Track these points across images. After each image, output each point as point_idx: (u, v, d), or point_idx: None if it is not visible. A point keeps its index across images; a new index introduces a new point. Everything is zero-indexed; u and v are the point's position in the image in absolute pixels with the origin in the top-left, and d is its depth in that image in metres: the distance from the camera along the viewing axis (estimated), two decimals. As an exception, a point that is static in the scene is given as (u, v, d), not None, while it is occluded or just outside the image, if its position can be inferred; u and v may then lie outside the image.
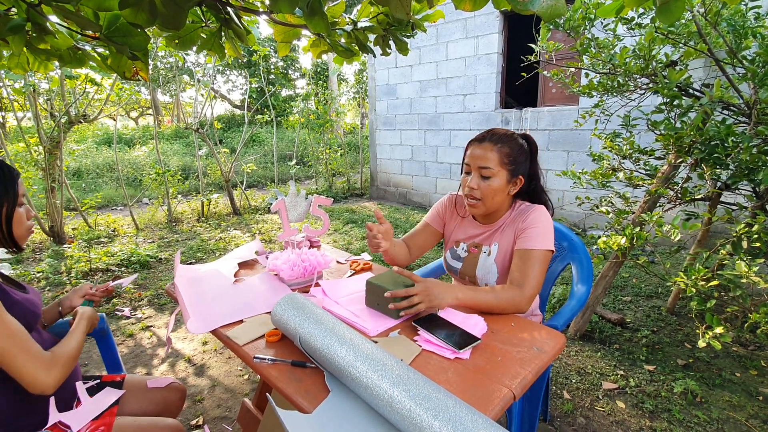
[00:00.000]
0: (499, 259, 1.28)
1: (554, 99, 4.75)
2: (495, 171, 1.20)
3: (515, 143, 1.22)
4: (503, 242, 1.27)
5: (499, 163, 1.20)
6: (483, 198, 1.23)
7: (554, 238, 1.61)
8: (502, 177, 1.21)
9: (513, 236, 1.25)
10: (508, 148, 1.20)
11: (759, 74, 1.52)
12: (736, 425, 1.65)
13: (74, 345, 0.99)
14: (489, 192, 1.21)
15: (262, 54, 5.89)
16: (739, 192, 1.96)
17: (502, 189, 1.22)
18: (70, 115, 4.20)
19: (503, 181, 1.21)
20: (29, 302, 1.00)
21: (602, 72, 2.17)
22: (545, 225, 1.21)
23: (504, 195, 1.24)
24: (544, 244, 1.18)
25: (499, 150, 1.20)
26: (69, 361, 0.94)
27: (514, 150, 1.21)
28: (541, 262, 1.16)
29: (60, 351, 0.94)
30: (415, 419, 0.64)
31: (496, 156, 1.19)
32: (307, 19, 0.97)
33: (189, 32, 1.20)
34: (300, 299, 0.95)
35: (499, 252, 1.28)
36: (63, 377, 0.91)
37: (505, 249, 1.27)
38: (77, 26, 1.04)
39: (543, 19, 0.82)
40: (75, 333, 1.03)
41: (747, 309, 1.62)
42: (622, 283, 3.08)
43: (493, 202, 1.24)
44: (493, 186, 1.21)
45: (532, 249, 1.17)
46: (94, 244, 4.11)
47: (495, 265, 1.28)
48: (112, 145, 9.77)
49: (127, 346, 2.34)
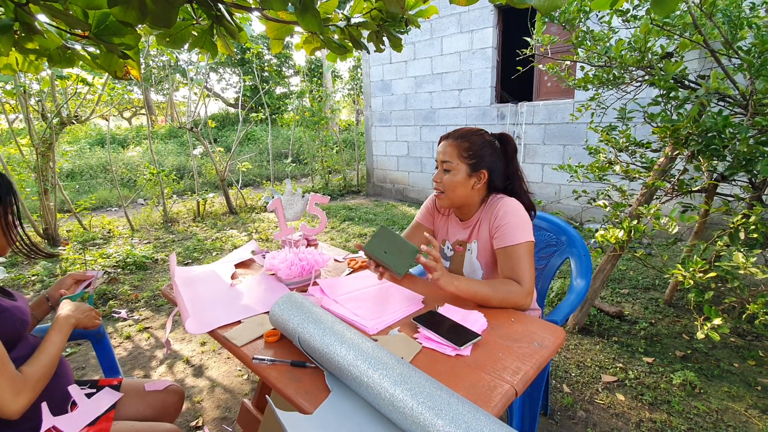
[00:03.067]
0: (481, 257, 1.30)
1: (550, 93, 4.75)
2: (454, 165, 1.25)
3: (478, 138, 1.26)
4: (481, 239, 1.29)
5: (458, 156, 1.25)
6: (445, 190, 1.28)
7: (553, 233, 1.61)
8: (462, 170, 1.25)
9: (488, 233, 1.27)
10: (467, 142, 1.25)
11: (755, 65, 1.52)
12: (735, 415, 1.66)
13: (47, 362, 0.93)
14: (449, 185, 1.26)
15: (255, 51, 5.84)
16: (735, 183, 1.97)
17: (463, 182, 1.25)
18: (62, 116, 4.15)
19: (463, 174, 1.25)
20: (17, 310, 0.98)
21: (598, 65, 2.16)
22: (518, 217, 1.21)
23: (467, 188, 1.27)
24: (524, 237, 1.18)
25: (458, 145, 1.25)
26: (41, 381, 0.89)
27: (475, 144, 1.25)
28: (526, 254, 1.17)
29: (30, 372, 0.89)
30: (418, 418, 0.63)
31: (455, 150, 1.25)
32: (299, 16, 0.95)
33: (180, 30, 1.18)
34: (298, 298, 0.94)
35: (479, 250, 1.30)
36: (32, 400, 0.86)
37: (483, 246, 1.29)
38: (66, 25, 1.01)
39: (540, 12, 0.81)
40: (48, 347, 0.96)
41: (745, 300, 1.62)
42: (619, 276, 3.09)
43: (455, 194, 1.27)
44: (453, 179, 1.25)
45: (513, 245, 1.18)
46: (89, 246, 4.07)
47: (478, 262, 1.31)
48: (105, 146, 9.69)
49: (125, 348, 2.33)
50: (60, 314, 1.03)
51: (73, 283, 1.21)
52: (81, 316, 1.06)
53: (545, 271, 1.62)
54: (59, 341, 0.98)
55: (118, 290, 3.04)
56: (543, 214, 1.69)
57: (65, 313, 1.04)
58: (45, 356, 0.94)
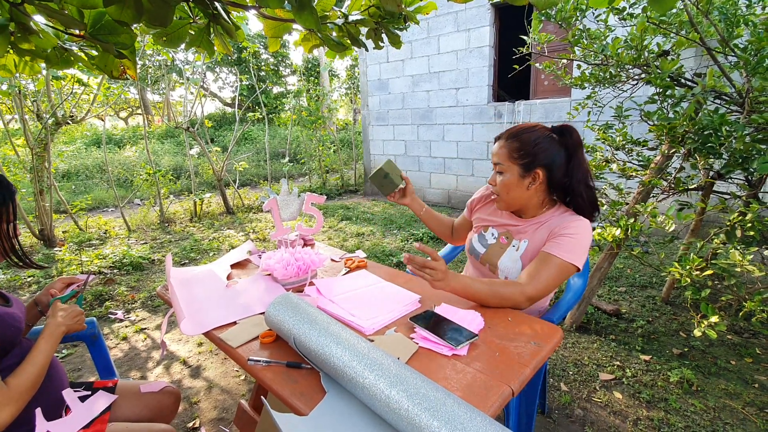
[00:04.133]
0: (526, 257, 1.24)
1: (547, 91, 4.75)
2: (505, 167, 1.20)
3: (530, 136, 1.18)
4: (534, 240, 1.23)
5: (508, 158, 1.20)
6: (499, 193, 1.24)
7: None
8: (514, 171, 1.19)
9: (546, 238, 1.20)
10: (518, 141, 1.19)
11: (751, 62, 1.52)
12: (733, 413, 1.66)
13: (34, 372, 0.91)
14: (503, 187, 1.22)
15: (252, 50, 5.81)
16: (731, 181, 1.97)
17: (516, 183, 1.20)
18: (57, 116, 4.12)
19: (515, 175, 1.19)
20: (10, 317, 0.96)
21: (594, 63, 2.16)
22: (582, 239, 1.15)
23: (522, 189, 1.21)
24: (572, 258, 1.12)
25: (509, 145, 1.20)
26: (27, 392, 0.88)
27: (526, 143, 1.17)
28: (559, 271, 1.12)
29: (16, 383, 0.87)
30: (413, 419, 0.63)
31: (505, 152, 1.20)
32: (296, 14, 0.95)
33: (177, 29, 1.17)
34: (294, 299, 0.93)
35: (527, 250, 1.24)
36: (17, 411, 0.85)
37: (533, 248, 1.22)
38: (62, 25, 1.01)
39: (537, 8, 0.80)
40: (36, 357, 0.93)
41: (741, 297, 1.63)
42: (617, 274, 3.10)
43: (510, 196, 1.23)
44: (505, 181, 1.21)
45: (557, 256, 1.12)
46: (85, 247, 4.05)
47: (521, 261, 1.24)
48: (101, 146, 9.65)
49: (121, 349, 2.32)
50: (50, 322, 1.01)
51: (63, 287, 1.19)
52: (71, 322, 1.04)
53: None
54: (48, 350, 0.96)
55: (115, 291, 3.02)
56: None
57: (56, 321, 1.01)
58: (32, 366, 0.91)
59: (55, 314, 1.02)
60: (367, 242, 4.08)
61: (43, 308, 1.16)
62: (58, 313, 1.03)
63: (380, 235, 4.33)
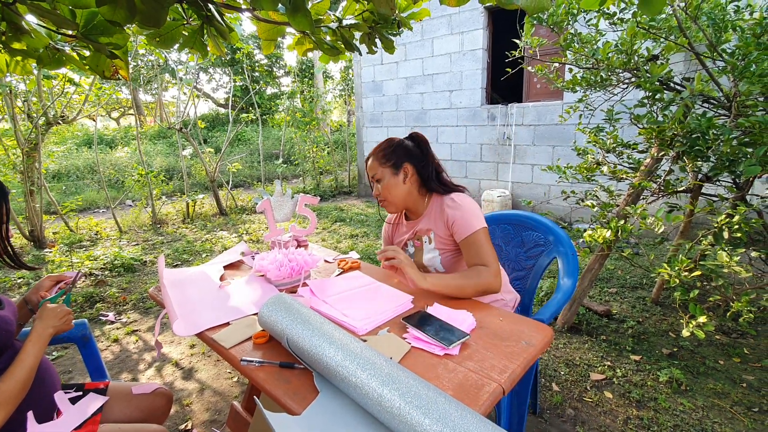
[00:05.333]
0: (439, 245, 1.37)
1: (539, 94, 4.79)
2: (379, 173, 1.36)
3: (389, 143, 1.38)
4: (437, 229, 1.36)
5: (379, 166, 1.36)
6: (385, 197, 1.38)
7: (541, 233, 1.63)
8: (387, 173, 1.35)
9: (444, 227, 1.34)
10: (381, 151, 1.37)
11: (739, 67, 1.55)
12: (721, 412, 1.69)
13: (22, 375, 0.90)
14: (385, 190, 1.37)
15: (246, 51, 5.80)
16: (719, 183, 2.00)
17: (393, 183, 1.35)
18: (48, 116, 4.08)
19: (389, 176, 1.35)
20: (2, 321, 0.95)
21: (585, 67, 2.19)
22: (467, 207, 1.29)
23: (400, 186, 1.36)
24: (478, 224, 1.26)
25: (375, 156, 1.38)
26: (15, 396, 0.87)
27: (387, 149, 1.37)
28: (485, 239, 1.26)
29: (5, 387, 0.86)
30: (405, 417, 0.63)
31: (375, 163, 1.37)
32: (290, 16, 0.95)
33: (170, 30, 1.17)
34: (287, 300, 0.94)
35: (436, 238, 1.37)
36: (7, 416, 0.84)
37: (441, 235, 1.36)
38: (53, 25, 1.00)
39: (527, 13, 0.82)
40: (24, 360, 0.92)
41: (729, 298, 1.65)
42: (608, 275, 3.13)
43: (393, 195, 1.37)
44: (386, 185, 1.36)
45: (471, 233, 1.26)
46: (76, 248, 4.01)
47: (437, 251, 1.37)
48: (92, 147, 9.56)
49: (112, 351, 2.30)
50: (37, 324, 0.99)
51: (51, 285, 1.17)
52: (59, 323, 1.02)
53: (533, 270, 1.63)
54: (36, 353, 0.94)
55: (106, 293, 2.99)
56: (531, 214, 1.70)
57: (43, 323, 1.00)
58: (20, 370, 0.90)
59: (42, 316, 1.01)
60: (361, 243, 4.08)
61: (33, 306, 1.14)
62: (45, 314, 1.02)
63: (374, 237, 4.33)
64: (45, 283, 1.17)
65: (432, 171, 1.39)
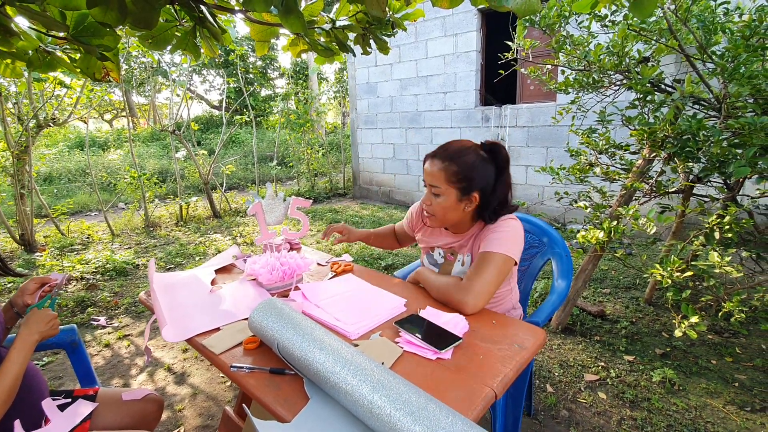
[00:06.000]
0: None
1: (532, 96, 4.81)
2: (443, 189, 1.18)
3: (467, 158, 1.16)
4: (474, 251, 1.26)
5: (446, 181, 1.17)
6: (435, 213, 1.23)
7: (535, 235, 1.63)
8: (452, 195, 1.18)
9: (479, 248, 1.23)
10: (456, 165, 1.16)
11: (728, 69, 1.56)
12: (713, 412, 1.70)
13: (6, 384, 0.87)
14: (439, 209, 1.21)
15: (239, 53, 5.78)
16: (710, 184, 2.02)
17: (453, 206, 1.20)
18: (39, 118, 4.04)
19: (453, 199, 1.18)
20: None
21: (577, 69, 2.20)
22: (510, 231, 1.18)
23: (459, 212, 1.21)
24: (504, 249, 1.14)
25: (447, 168, 1.16)
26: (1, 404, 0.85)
27: (465, 167, 1.16)
28: (496, 265, 1.13)
29: None
30: (395, 424, 0.63)
31: (443, 174, 1.16)
32: (283, 18, 0.94)
33: (162, 32, 1.16)
34: (278, 304, 0.93)
35: (472, 262, 1.27)
36: None
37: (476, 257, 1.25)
38: (43, 27, 0.99)
39: (518, 15, 0.82)
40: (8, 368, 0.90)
41: (721, 298, 1.66)
42: (601, 276, 3.14)
43: (446, 218, 1.23)
44: (443, 204, 1.19)
45: (488, 251, 1.15)
46: (67, 252, 3.97)
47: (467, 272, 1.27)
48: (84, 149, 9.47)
49: (104, 356, 2.27)
50: (22, 330, 0.97)
51: (36, 287, 1.14)
52: (44, 328, 1.00)
53: (528, 271, 1.64)
54: (21, 360, 0.92)
55: (97, 297, 2.96)
56: (525, 215, 1.70)
57: (28, 328, 0.98)
58: (5, 378, 0.88)
59: (28, 322, 0.99)
60: (354, 246, 4.07)
61: (19, 309, 1.11)
62: (31, 320, 1.00)
63: (369, 239, 4.32)
64: (30, 285, 1.13)
65: (497, 200, 1.21)
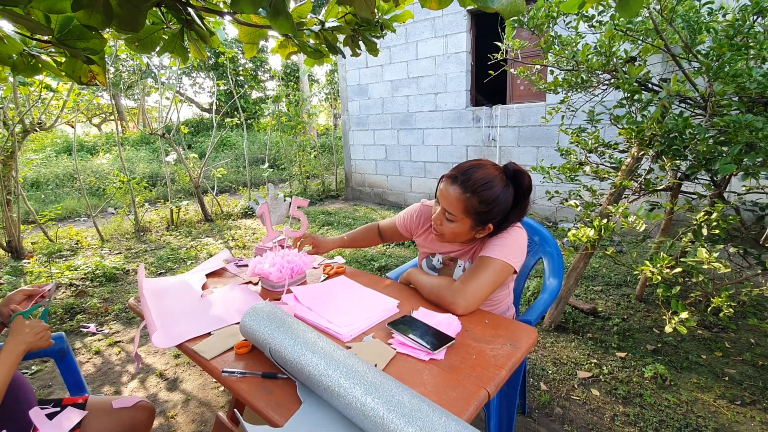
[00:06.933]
0: None
1: (522, 96, 4.85)
2: (458, 218, 1.14)
3: (490, 193, 1.10)
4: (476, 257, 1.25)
5: (464, 211, 1.13)
6: (444, 234, 1.21)
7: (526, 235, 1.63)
8: (466, 224, 1.15)
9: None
10: (477, 199, 1.10)
11: (713, 68, 1.58)
12: (704, 406, 1.72)
13: None
14: (450, 233, 1.19)
15: (229, 56, 5.75)
16: (698, 182, 2.04)
17: (465, 233, 1.18)
18: (25, 123, 3.98)
19: (466, 227, 1.16)
20: None
21: (566, 69, 2.22)
22: (513, 239, 1.17)
23: (469, 236, 1.20)
24: (504, 256, 1.13)
25: (467, 200, 1.11)
26: None
27: (486, 202, 1.10)
28: (492, 270, 1.11)
29: None
30: (389, 426, 0.63)
31: (461, 205, 1.12)
32: (272, 20, 0.94)
33: (149, 34, 1.15)
34: (269, 308, 0.92)
35: None
36: None
37: None
38: (28, 30, 0.97)
39: (504, 16, 0.82)
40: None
41: (709, 294, 1.69)
42: (592, 273, 3.17)
43: (455, 240, 1.23)
44: (454, 230, 1.17)
45: (491, 257, 1.13)
46: (55, 259, 3.91)
47: None
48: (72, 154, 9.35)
49: (94, 364, 2.24)
50: (9, 340, 0.95)
51: (24, 298, 1.12)
52: (33, 339, 0.98)
53: (520, 270, 1.64)
54: (5, 372, 0.90)
55: (87, 303, 2.92)
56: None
57: (15, 338, 0.96)
58: None
59: (14, 331, 0.97)
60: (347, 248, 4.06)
61: (4, 319, 1.09)
62: (18, 329, 0.98)
63: (362, 240, 4.31)
64: (17, 296, 1.11)
65: (509, 224, 1.18)
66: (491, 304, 1.32)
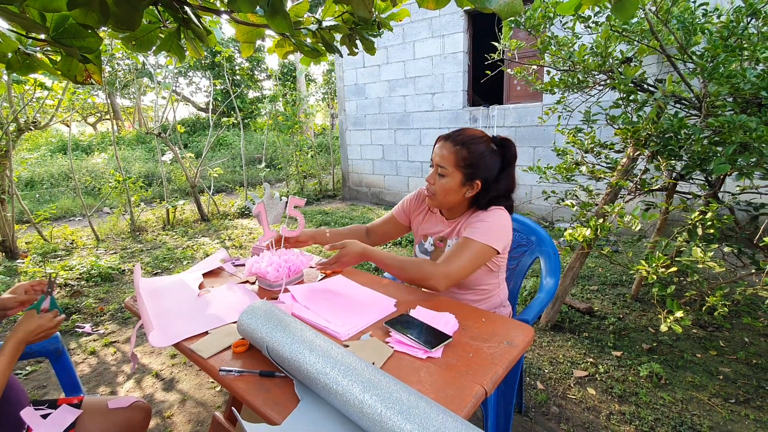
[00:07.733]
0: None
1: (519, 96, 4.86)
2: (449, 171, 1.23)
3: (478, 147, 1.22)
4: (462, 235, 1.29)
5: (454, 164, 1.22)
6: (437, 193, 1.28)
7: (523, 233, 1.64)
8: (456, 178, 1.23)
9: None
10: (467, 151, 1.21)
11: (708, 68, 1.60)
12: (699, 404, 1.73)
13: None
14: (441, 189, 1.26)
15: (226, 55, 5.73)
16: (693, 182, 2.06)
17: (455, 189, 1.25)
18: (19, 122, 3.95)
19: (457, 182, 1.24)
20: None
21: (562, 69, 2.23)
22: (495, 223, 1.22)
23: (459, 195, 1.27)
24: (485, 238, 1.18)
25: (457, 152, 1.22)
26: None
27: (474, 154, 1.21)
28: (474, 252, 1.17)
29: None
30: (386, 423, 0.63)
31: (453, 157, 1.22)
32: (269, 19, 0.94)
33: (146, 33, 1.14)
34: (267, 307, 0.92)
35: None
36: None
37: None
38: (23, 29, 0.97)
39: (500, 17, 0.82)
40: None
41: (704, 293, 1.70)
42: (588, 273, 3.18)
43: (445, 199, 1.28)
44: (445, 185, 1.25)
45: (472, 239, 1.19)
46: (50, 258, 3.89)
47: None
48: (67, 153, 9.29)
49: (89, 364, 2.22)
50: (9, 336, 0.96)
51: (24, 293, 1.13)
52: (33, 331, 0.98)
53: (517, 270, 1.65)
54: (2, 367, 0.90)
55: (82, 303, 2.90)
56: (514, 215, 1.72)
57: (15, 334, 0.96)
58: None
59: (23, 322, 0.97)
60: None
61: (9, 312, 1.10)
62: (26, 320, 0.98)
63: (359, 240, 4.31)
64: (18, 290, 1.12)
65: (497, 192, 1.26)
66: (482, 295, 1.34)
